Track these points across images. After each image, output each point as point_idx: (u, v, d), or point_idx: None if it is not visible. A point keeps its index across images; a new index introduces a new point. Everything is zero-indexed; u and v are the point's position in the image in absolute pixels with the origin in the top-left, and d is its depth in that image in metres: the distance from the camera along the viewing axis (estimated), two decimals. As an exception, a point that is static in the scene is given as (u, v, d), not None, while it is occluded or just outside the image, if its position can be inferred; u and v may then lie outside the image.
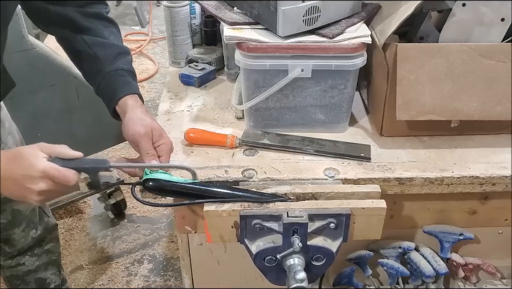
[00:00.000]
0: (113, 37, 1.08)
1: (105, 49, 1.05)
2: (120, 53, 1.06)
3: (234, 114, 1.24)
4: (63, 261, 2.01)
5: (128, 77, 1.05)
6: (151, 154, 0.97)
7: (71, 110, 1.76)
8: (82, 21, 1.05)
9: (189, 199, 0.97)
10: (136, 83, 1.07)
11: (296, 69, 1.07)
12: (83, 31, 1.05)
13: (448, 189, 1.05)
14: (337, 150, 1.10)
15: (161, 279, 1.95)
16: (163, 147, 1.00)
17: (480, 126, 1.12)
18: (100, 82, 1.04)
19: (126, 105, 1.02)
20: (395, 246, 1.16)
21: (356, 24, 1.11)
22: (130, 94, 1.03)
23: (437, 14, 1.13)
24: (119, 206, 2.20)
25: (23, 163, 0.83)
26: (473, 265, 1.19)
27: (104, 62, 1.04)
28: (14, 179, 0.83)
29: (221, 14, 1.16)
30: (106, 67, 1.04)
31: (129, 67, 1.07)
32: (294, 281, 0.90)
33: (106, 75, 1.03)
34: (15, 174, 0.82)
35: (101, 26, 1.07)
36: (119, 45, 1.08)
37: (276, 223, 0.94)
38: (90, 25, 1.05)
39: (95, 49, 1.04)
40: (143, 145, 0.98)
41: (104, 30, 1.07)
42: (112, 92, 1.03)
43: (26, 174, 0.82)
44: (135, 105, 1.02)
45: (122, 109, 1.02)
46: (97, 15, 1.07)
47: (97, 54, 1.04)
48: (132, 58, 1.10)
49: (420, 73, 1.04)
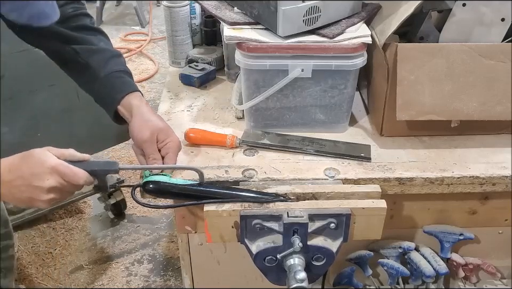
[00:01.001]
0: (102, 43, 1.08)
1: (97, 55, 1.05)
2: (112, 56, 1.06)
3: (235, 114, 1.24)
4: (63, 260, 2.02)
5: (125, 77, 1.05)
6: (152, 158, 0.98)
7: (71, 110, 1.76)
8: (69, 33, 1.05)
9: (189, 200, 0.97)
10: (133, 81, 1.07)
11: (296, 69, 1.07)
12: (72, 41, 1.05)
13: (448, 189, 1.05)
14: (338, 150, 1.10)
15: (161, 279, 1.95)
16: (170, 144, 1.00)
17: (480, 126, 1.12)
18: (97, 89, 1.04)
19: (131, 106, 1.01)
20: (395, 246, 1.16)
21: (356, 24, 1.11)
22: (131, 92, 1.03)
23: (437, 14, 1.13)
24: (119, 206, 2.20)
25: (32, 161, 0.83)
26: (473, 265, 1.19)
27: (97, 68, 1.04)
28: (23, 178, 0.83)
29: (221, 14, 1.16)
30: (100, 72, 1.03)
31: (124, 68, 1.07)
32: (294, 281, 0.90)
33: (102, 80, 1.03)
34: (25, 173, 0.83)
35: (88, 36, 1.07)
36: (109, 49, 1.08)
37: (276, 223, 0.94)
38: (78, 35, 1.05)
39: (86, 58, 1.04)
40: (146, 150, 0.99)
41: (93, 38, 1.07)
42: (111, 94, 1.03)
43: (35, 171, 0.82)
44: (140, 104, 1.02)
45: (127, 110, 1.02)
46: (83, 26, 1.07)
47: (89, 62, 1.04)
48: (125, 60, 1.10)
49: (420, 73, 1.04)
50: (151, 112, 1.02)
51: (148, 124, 0.99)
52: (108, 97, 1.04)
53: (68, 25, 1.05)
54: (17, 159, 0.85)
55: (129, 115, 1.02)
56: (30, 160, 0.84)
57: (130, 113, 1.02)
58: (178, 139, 1.02)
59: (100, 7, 4.16)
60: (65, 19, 1.04)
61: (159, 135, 1.00)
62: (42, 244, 2.09)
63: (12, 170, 0.83)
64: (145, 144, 0.99)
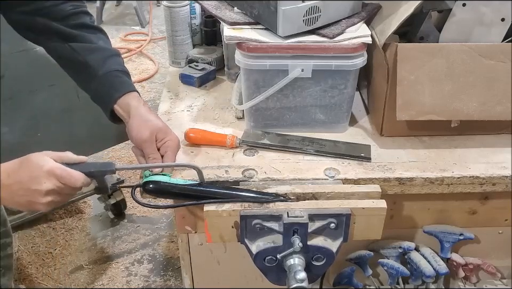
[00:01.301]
0: (102, 42, 1.08)
1: (95, 54, 1.05)
2: (111, 55, 1.06)
3: (235, 114, 1.24)
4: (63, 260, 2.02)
5: (123, 77, 1.05)
6: (152, 158, 0.99)
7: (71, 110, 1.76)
8: (68, 30, 1.05)
9: (189, 200, 0.98)
10: (131, 81, 1.07)
11: (296, 69, 1.07)
12: (71, 39, 1.05)
13: (448, 189, 1.05)
14: (338, 150, 1.10)
15: (161, 279, 1.95)
16: (169, 143, 1.00)
17: (480, 126, 1.12)
18: (94, 87, 1.04)
19: (128, 106, 1.01)
20: (395, 246, 1.16)
21: (356, 24, 1.11)
22: (129, 92, 1.03)
23: (437, 14, 1.13)
24: (119, 206, 2.20)
25: (30, 165, 0.85)
26: (473, 265, 1.19)
27: (95, 66, 1.04)
28: (20, 183, 0.84)
29: (221, 14, 1.16)
30: (98, 71, 1.03)
31: (122, 68, 1.07)
32: (294, 281, 0.90)
33: (100, 79, 1.03)
34: (22, 177, 0.84)
35: (88, 34, 1.07)
36: (108, 48, 1.08)
37: (276, 223, 0.94)
38: (78, 33, 1.06)
39: (85, 56, 1.04)
40: (146, 150, 0.99)
41: (92, 36, 1.07)
42: (108, 94, 1.03)
43: (33, 175, 0.83)
44: (138, 105, 1.02)
45: (124, 110, 1.02)
46: (82, 24, 1.07)
47: (87, 60, 1.04)
48: (123, 60, 1.10)
49: (420, 73, 1.04)
50: (149, 112, 1.02)
51: (147, 124, 1.00)
52: (105, 96, 1.04)
53: (68, 23, 1.05)
54: (16, 164, 0.86)
55: (126, 116, 1.02)
56: (27, 164, 0.85)
57: (127, 113, 1.02)
58: (177, 138, 1.03)
59: (100, 7, 4.16)
60: (65, 17, 1.05)
61: (158, 134, 1.00)
62: (42, 244, 2.09)
63: (11, 175, 0.85)
64: (144, 144, 0.99)
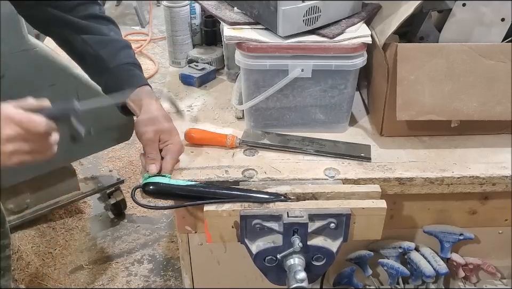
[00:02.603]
0: (113, 33, 1.08)
1: (107, 46, 1.04)
2: (122, 47, 1.06)
3: (235, 114, 1.24)
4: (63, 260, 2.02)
5: (135, 70, 1.05)
6: (151, 158, 0.99)
7: (71, 110, 1.76)
8: (80, 21, 1.04)
9: (189, 200, 0.98)
10: (143, 74, 1.07)
11: (296, 69, 1.07)
12: (82, 31, 1.04)
13: (448, 189, 1.05)
14: (338, 150, 1.10)
15: (161, 279, 1.95)
16: (170, 147, 1.00)
17: (480, 126, 1.12)
18: (106, 80, 1.04)
19: (140, 101, 1.01)
20: (395, 246, 1.16)
21: (356, 24, 1.11)
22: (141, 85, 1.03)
23: (437, 14, 1.13)
24: (119, 206, 2.20)
25: None
26: (473, 265, 1.19)
27: (107, 59, 1.03)
28: None
29: (221, 14, 1.16)
30: (110, 63, 1.03)
31: (133, 60, 1.07)
32: (294, 281, 0.90)
33: (111, 72, 1.03)
34: None
35: (99, 25, 1.06)
36: (119, 40, 1.08)
37: (276, 223, 0.94)
38: (89, 25, 1.05)
39: (97, 48, 1.03)
40: (147, 149, 0.99)
41: (103, 27, 1.07)
42: (120, 87, 1.02)
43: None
44: (150, 101, 1.01)
45: (136, 104, 1.02)
46: (92, 15, 1.07)
47: (99, 53, 1.03)
48: (134, 52, 1.09)
49: (420, 73, 1.04)
50: (159, 110, 1.02)
51: (154, 123, 0.99)
52: (116, 90, 1.03)
53: (77, 14, 1.04)
54: None
55: (138, 110, 1.02)
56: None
57: (139, 107, 1.01)
58: (180, 142, 1.02)
59: (100, 7, 4.16)
60: (73, 7, 1.04)
61: (162, 136, 1.00)
62: (42, 244, 2.09)
63: None
64: (146, 143, 0.99)
